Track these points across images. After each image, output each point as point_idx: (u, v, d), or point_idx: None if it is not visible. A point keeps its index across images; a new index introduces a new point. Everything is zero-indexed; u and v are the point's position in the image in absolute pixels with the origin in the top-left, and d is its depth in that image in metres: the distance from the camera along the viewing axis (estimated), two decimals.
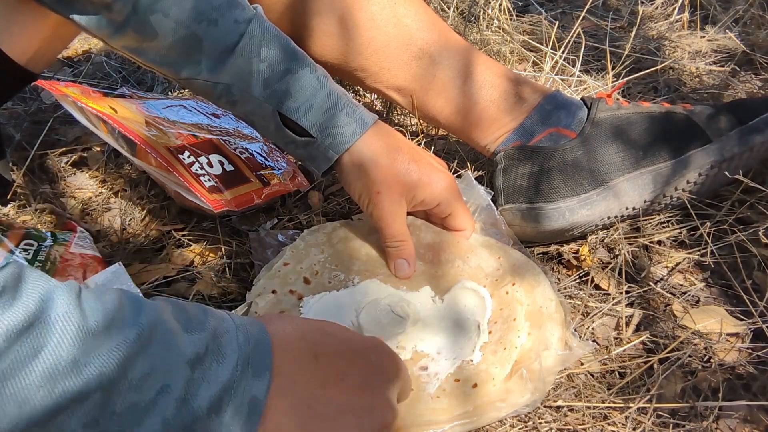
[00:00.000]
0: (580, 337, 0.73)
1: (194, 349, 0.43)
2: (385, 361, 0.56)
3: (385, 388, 0.54)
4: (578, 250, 0.85)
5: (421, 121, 0.99)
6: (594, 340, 0.74)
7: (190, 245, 0.90)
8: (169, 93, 1.27)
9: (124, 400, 0.39)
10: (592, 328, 0.75)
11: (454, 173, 0.93)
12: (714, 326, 0.73)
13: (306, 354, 0.50)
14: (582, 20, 1.17)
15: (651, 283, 0.79)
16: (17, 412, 0.36)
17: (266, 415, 0.45)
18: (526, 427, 0.65)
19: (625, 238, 0.85)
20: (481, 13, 1.31)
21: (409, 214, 0.78)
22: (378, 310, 0.72)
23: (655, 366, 0.69)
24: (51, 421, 0.37)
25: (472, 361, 0.67)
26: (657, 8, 1.43)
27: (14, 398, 0.36)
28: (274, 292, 0.73)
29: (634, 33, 1.22)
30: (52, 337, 0.37)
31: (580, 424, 0.65)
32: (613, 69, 1.14)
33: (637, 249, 0.85)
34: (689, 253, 0.83)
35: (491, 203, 0.83)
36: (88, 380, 0.38)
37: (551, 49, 1.15)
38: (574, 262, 0.83)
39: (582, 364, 0.71)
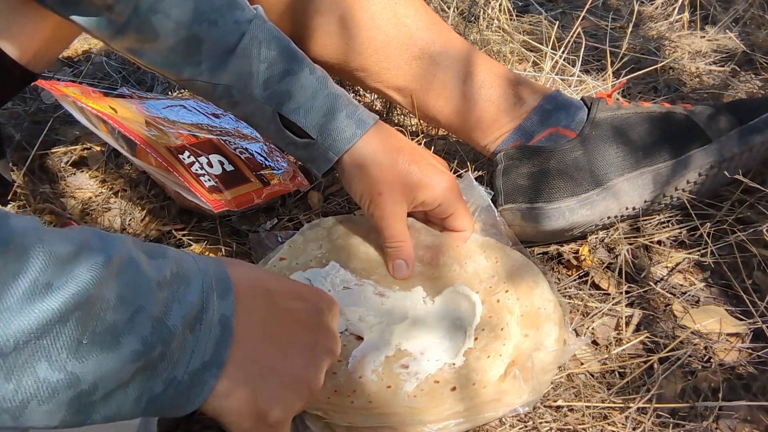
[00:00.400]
0: (579, 336, 0.73)
1: (161, 273, 0.46)
2: (325, 305, 0.60)
3: (329, 321, 0.59)
4: (578, 250, 0.85)
5: (421, 121, 0.99)
6: (594, 340, 0.74)
7: (190, 245, 0.90)
8: (169, 93, 1.27)
9: (103, 321, 0.41)
10: (592, 328, 0.75)
11: (454, 173, 0.93)
12: (714, 326, 0.73)
13: (258, 285, 0.55)
14: (582, 20, 1.17)
15: (651, 283, 0.79)
16: (3, 331, 0.38)
17: (236, 329, 0.50)
18: (525, 426, 0.65)
19: (625, 238, 0.85)
20: (481, 13, 1.31)
21: (408, 215, 0.78)
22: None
23: (655, 366, 0.69)
24: (36, 343, 0.39)
25: (454, 364, 0.67)
26: (657, 8, 1.43)
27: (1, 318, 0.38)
28: None
29: (629, 31, 1.22)
30: (27, 261, 0.39)
31: (580, 424, 0.65)
32: (613, 69, 1.14)
33: (637, 249, 0.85)
34: (689, 253, 0.83)
35: (491, 204, 0.83)
36: (66, 301, 0.39)
37: (551, 49, 1.15)
38: (574, 262, 0.83)
39: (582, 364, 0.71)
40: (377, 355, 0.67)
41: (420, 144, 0.98)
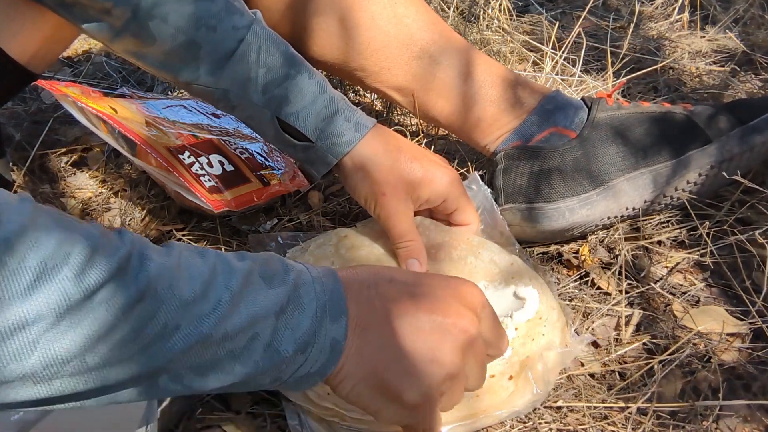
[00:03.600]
0: (581, 336, 0.73)
1: (277, 302, 0.49)
2: (463, 289, 0.57)
3: (462, 305, 0.55)
4: (578, 250, 0.85)
5: (421, 121, 0.99)
6: (594, 341, 0.74)
7: (190, 245, 0.89)
8: (169, 93, 1.27)
9: (224, 348, 0.46)
10: (592, 329, 0.75)
11: None
12: (714, 326, 0.73)
13: (371, 285, 0.54)
14: (582, 20, 1.17)
15: (651, 284, 0.79)
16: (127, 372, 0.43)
17: (347, 349, 0.51)
18: (525, 427, 0.65)
19: (625, 238, 0.85)
20: (481, 13, 1.31)
21: (414, 214, 0.78)
22: None
23: (655, 366, 0.69)
24: (165, 368, 0.45)
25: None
26: (657, 8, 1.43)
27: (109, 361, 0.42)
28: None
29: (630, 31, 1.22)
30: (161, 308, 0.44)
31: (580, 425, 0.65)
32: (613, 69, 1.14)
33: (637, 249, 0.85)
34: (689, 253, 0.83)
35: (495, 205, 0.83)
36: (187, 337, 0.44)
37: (551, 49, 1.15)
38: (574, 262, 0.83)
39: (582, 365, 0.71)
40: None
41: (420, 144, 0.98)
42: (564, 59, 1.14)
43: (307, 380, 0.51)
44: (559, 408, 0.67)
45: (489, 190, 0.84)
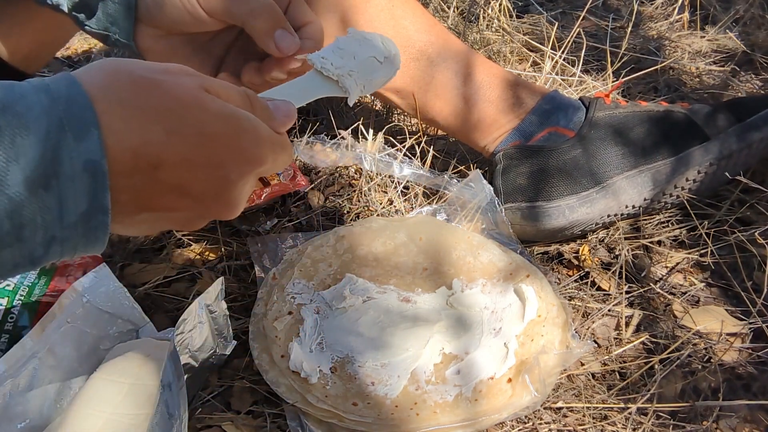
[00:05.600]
0: (581, 338, 0.73)
1: None
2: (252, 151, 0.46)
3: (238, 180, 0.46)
4: (578, 250, 0.85)
5: (421, 122, 0.99)
6: (594, 341, 0.74)
7: (190, 245, 0.90)
8: None
9: None
10: (593, 329, 0.75)
11: (454, 170, 0.93)
12: (714, 326, 0.73)
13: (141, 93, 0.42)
14: (582, 20, 1.17)
15: (651, 284, 0.79)
16: None
17: (112, 169, 0.39)
18: (525, 428, 0.65)
19: (625, 238, 0.85)
20: (481, 13, 1.31)
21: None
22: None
23: (656, 366, 0.69)
24: None
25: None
26: (657, 8, 1.43)
27: None
28: (290, 313, 0.73)
29: (629, 31, 1.22)
30: None
31: (580, 425, 0.65)
32: (613, 69, 1.14)
33: (637, 249, 0.85)
34: (689, 253, 0.83)
35: (496, 204, 0.83)
36: None
37: (551, 49, 1.15)
38: (575, 262, 0.83)
39: (582, 365, 0.71)
40: (426, 365, 0.68)
41: (420, 144, 0.98)
42: (564, 59, 1.14)
43: (91, 223, 0.40)
44: (559, 409, 0.67)
45: (491, 188, 0.83)
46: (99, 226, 0.40)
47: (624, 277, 0.79)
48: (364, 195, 0.93)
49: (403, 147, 0.96)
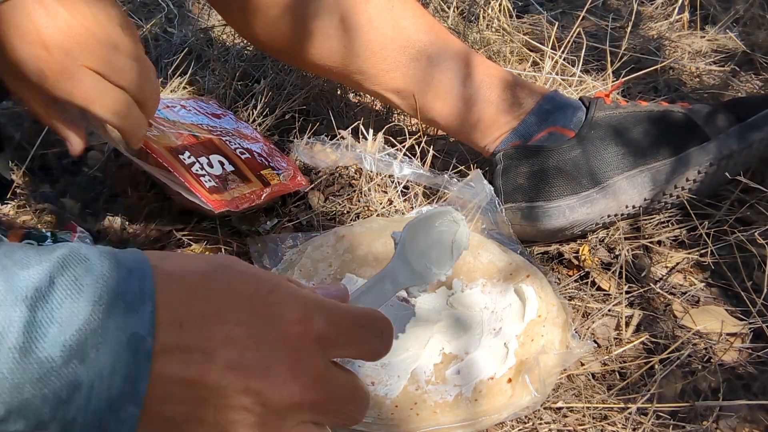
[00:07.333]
0: (581, 338, 0.73)
1: (32, 284, 0.33)
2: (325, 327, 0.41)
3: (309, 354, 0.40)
4: (578, 250, 0.85)
5: (421, 122, 0.99)
6: (594, 341, 0.74)
7: (191, 245, 0.90)
8: (169, 93, 1.27)
9: None
10: (593, 329, 0.75)
11: (454, 170, 0.93)
12: (714, 326, 0.73)
13: (200, 290, 0.38)
14: (582, 20, 1.17)
15: (651, 284, 0.79)
16: None
17: (157, 354, 0.35)
18: (525, 428, 0.65)
19: (625, 238, 0.85)
20: (481, 12, 1.31)
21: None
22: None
23: (656, 366, 0.69)
24: None
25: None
26: (657, 8, 1.43)
27: None
28: None
29: (629, 31, 1.22)
30: None
31: (579, 425, 0.65)
32: (613, 69, 1.14)
33: (637, 249, 0.85)
34: (689, 253, 0.83)
35: (496, 204, 0.83)
36: None
37: (551, 49, 1.15)
38: (575, 262, 0.83)
39: (582, 365, 0.71)
40: (426, 365, 0.68)
41: (420, 143, 0.98)
42: (564, 59, 1.14)
43: (118, 415, 0.34)
44: (559, 409, 0.67)
45: (491, 188, 0.83)
46: (125, 420, 0.35)
47: (624, 277, 0.79)
48: (364, 195, 0.93)
49: (403, 147, 0.96)
